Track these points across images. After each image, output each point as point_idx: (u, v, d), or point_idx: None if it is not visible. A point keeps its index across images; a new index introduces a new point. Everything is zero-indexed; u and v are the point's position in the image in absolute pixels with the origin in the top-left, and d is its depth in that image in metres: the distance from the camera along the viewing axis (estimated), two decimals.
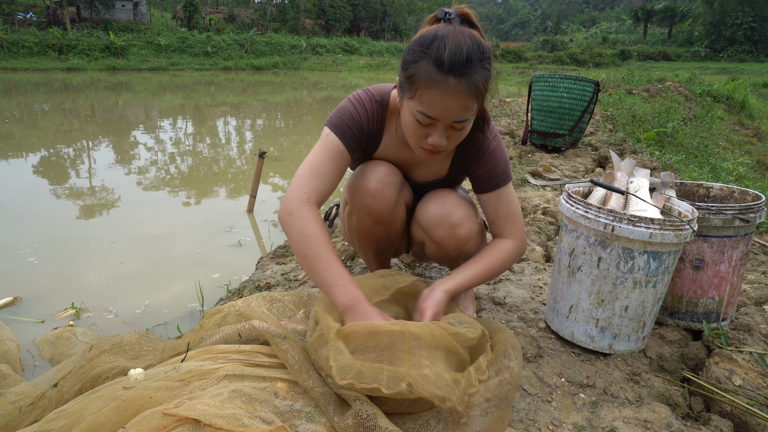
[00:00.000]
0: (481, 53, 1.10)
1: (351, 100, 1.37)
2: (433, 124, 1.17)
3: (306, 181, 1.28)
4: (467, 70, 1.09)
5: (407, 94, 1.17)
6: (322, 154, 1.32)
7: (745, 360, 1.42)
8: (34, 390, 1.41)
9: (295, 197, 1.26)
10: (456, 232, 1.44)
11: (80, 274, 2.71)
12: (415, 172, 1.53)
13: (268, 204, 4.14)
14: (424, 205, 1.50)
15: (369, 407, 1.07)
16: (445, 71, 1.08)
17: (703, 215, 1.47)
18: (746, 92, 10.67)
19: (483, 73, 1.12)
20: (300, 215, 1.24)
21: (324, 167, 1.30)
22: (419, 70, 1.11)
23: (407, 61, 1.15)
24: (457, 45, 1.07)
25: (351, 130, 1.34)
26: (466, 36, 1.09)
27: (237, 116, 10.44)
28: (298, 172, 1.31)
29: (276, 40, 32.39)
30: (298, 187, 1.27)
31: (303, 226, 1.23)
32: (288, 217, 1.25)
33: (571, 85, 4.52)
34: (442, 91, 1.10)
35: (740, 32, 39.96)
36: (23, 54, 23.19)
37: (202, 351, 1.30)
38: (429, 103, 1.13)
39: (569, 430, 1.22)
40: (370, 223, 1.50)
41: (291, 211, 1.24)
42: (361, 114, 1.36)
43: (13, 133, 7.22)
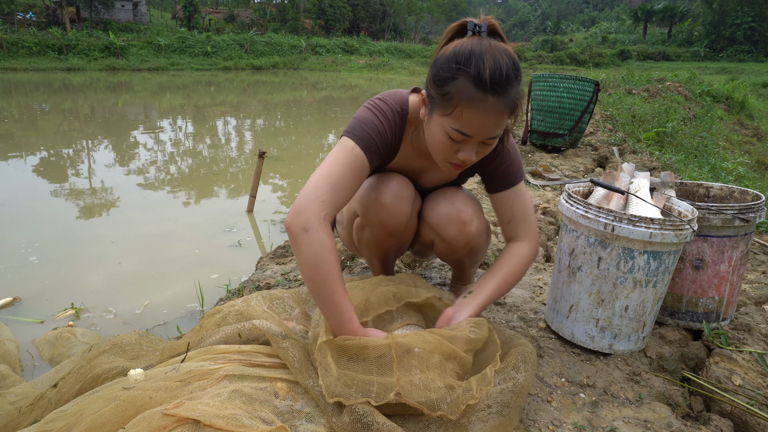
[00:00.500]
0: (516, 70, 1.10)
1: (374, 112, 1.30)
2: (465, 140, 1.16)
3: (326, 196, 1.19)
4: (506, 88, 1.08)
5: (441, 111, 1.14)
6: (344, 168, 1.23)
7: (745, 360, 1.42)
8: (33, 390, 1.41)
9: (312, 212, 1.17)
10: (466, 229, 1.44)
11: (80, 275, 2.71)
12: (425, 178, 1.52)
13: (267, 204, 4.14)
14: (433, 205, 1.49)
15: (365, 405, 1.07)
16: (486, 90, 1.07)
17: (703, 215, 1.47)
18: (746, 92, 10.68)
19: (518, 89, 1.11)
20: (317, 235, 1.16)
21: (345, 182, 1.23)
22: (458, 88, 1.08)
23: (442, 78, 1.11)
24: (496, 63, 1.06)
25: (377, 144, 1.28)
26: (502, 52, 1.08)
27: (237, 116, 10.44)
28: (316, 182, 1.21)
29: (276, 40, 32.37)
30: (317, 201, 1.18)
31: (318, 249, 1.16)
32: (303, 234, 1.16)
33: (570, 85, 4.52)
34: (482, 109, 1.09)
35: (740, 32, 39.97)
36: (23, 54, 23.18)
37: (202, 351, 1.30)
38: (467, 122, 1.11)
39: (569, 430, 1.21)
40: (384, 236, 1.49)
41: (307, 227, 1.16)
42: (387, 127, 1.30)
43: (12, 134, 7.21)
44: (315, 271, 1.17)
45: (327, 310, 1.20)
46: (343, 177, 1.22)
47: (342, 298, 1.19)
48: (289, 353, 1.24)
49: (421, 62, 32.50)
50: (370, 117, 1.29)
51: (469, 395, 1.10)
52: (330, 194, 1.19)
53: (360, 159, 1.25)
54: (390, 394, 1.06)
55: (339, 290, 1.19)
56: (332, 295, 1.18)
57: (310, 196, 1.18)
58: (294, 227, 1.17)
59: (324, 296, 1.19)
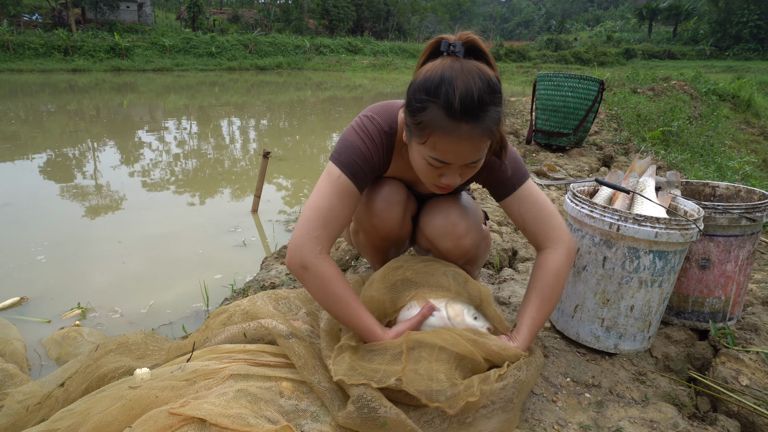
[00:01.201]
0: (491, 93, 1.04)
1: (359, 134, 1.27)
2: (446, 166, 1.13)
3: (318, 231, 1.21)
4: (479, 114, 1.03)
5: (417, 139, 1.12)
6: (332, 198, 1.23)
7: (752, 360, 1.41)
8: (41, 389, 1.42)
9: (308, 250, 1.20)
10: (461, 243, 1.41)
11: (86, 274, 2.72)
12: (421, 185, 1.49)
13: (272, 204, 4.15)
14: (428, 217, 1.45)
15: (370, 391, 1.08)
16: (457, 119, 1.03)
17: (709, 214, 1.46)
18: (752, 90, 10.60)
19: (495, 113, 1.06)
20: (316, 270, 1.20)
21: (336, 213, 1.23)
22: (429, 118, 1.05)
23: (414, 108, 1.08)
24: (467, 89, 1.01)
25: (363, 170, 1.26)
26: (474, 75, 1.02)
27: (241, 116, 10.46)
28: (307, 216, 1.22)
29: (280, 40, 32.42)
30: (310, 238, 1.20)
31: (320, 283, 1.21)
32: (303, 272, 1.21)
33: (575, 84, 4.50)
34: (455, 138, 1.05)
35: (746, 30, 39.71)
36: (29, 55, 23.30)
37: (207, 351, 1.30)
38: (442, 150, 1.08)
39: (575, 430, 1.21)
40: (378, 240, 1.49)
41: (305, 266, 1.20)
42: (372, 151, 1.27)
43: (20, 134, 7.26)
44: (325, 301, 1.24)
45: (351, 328, 1.26)
46: (332, 208, 1.23)
47: (357, 316, 1.24)
48: (294, 351, 1.24)
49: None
50: (355, 141, 1.27)
51: (470, 392, 1.10)
52: (322, 228, 1.21)
53: (347, 187, 1.24)
54: (391, 379, 1.09)
55: (353, 311, 1.23)
56: (349, 318, 1.24)
57: (303, 234, 1.21)
58: (293, 267, 1.22)
59: (341, 319, 1.25)
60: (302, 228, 1.22)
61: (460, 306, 1.27)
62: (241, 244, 3.21)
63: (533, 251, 2.40)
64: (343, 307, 1.22)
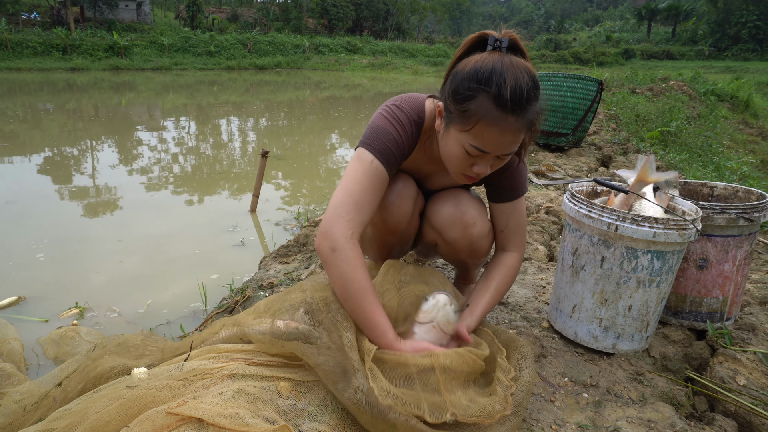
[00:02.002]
0: (536, 89, 1.10)
1: (391, 121, 1.29)
2: (482, 155, 1.16)
3: (351, 215, 1.21)
4: (526, 107, 1.08)
5: (460, 126, 1.14)
6: (365, 183, 1.24)
7: (749, 360, 1.42)
8: (38, 389, 1.42)
9: (339, 233, 1.20)
10: (469, 231, 1.44)
11: (84, 274, 2.72)
12: (432, 181, 1.53)
13: (271, 203, 4.14)
14: (436, 206, 1.49)
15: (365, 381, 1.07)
16: (506, 110, 1.07)
17: (707, 214, 1.47)
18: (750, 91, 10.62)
19: (537, 108, 1.12)
20: (345, 254, 1.19)
21: (369, 197, 1.25)
22: (478, 106, 1.09)
23: (463, 95, 1.11)
24: (517, 82, 1.06)
25: (395, 156, 1.29)
26: (522, 71, 1.08)
27: (240, 116, 10.45)
28: (339, 200, 1.23)
29: (279, 39, 32.39)
30: (343, 221, 1.21)
31: (346, 267, 1.19)
32: (332, 255, 1.20)
33: (574, 84, 4.51)
34: (501, 128, 1.09)
35: (744, 31, 39.77)
36: (27, 54, 23.26)
37: (205, 350, 1.30)
38: (486, 139, 1.12)
39: (573, 430, 1.21)
40: (386, 234, 1.50)
41: (335, 248, 1.19)
42: (404, 138, 1.30)
43: (18, 133, 7.25)
44: (345, 289, 1.20)
45: (361, 326, 1.22)
46: (365, 192, 1.24)
47: (374, 313, 1.21)
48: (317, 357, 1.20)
49: (424, 61, 32.46)
50: (388, 128, 1.28)
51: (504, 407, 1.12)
52: (354, 212, 1.22)
53: (380, 172, 1.26)
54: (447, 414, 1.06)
55: (370, 306, 1.20)
56: (364, 312, 1.20)
57: (335, 217, 1.21)
58: (323, 249, 1.21)
59: (356, 313, 1.21)
60: (334, 212, 1.22)
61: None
62: (240, 243, 3.21)
63: (531, 251, 2.40)
64: (362, 298, 1.20)
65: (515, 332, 1.57)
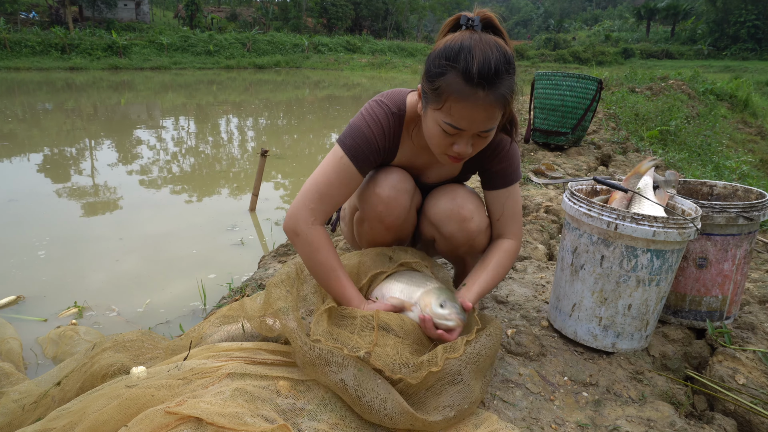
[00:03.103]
0: (507, 63, 1.10)
1: (366, 119, 1.34)
2: (459, 133, 1.18)
3: (313, 203, 1.31)
4: (495, 82, 1.09)
5: (434, 105, 1.17)
6: (332, 176, 1.32)
7: (748, 359, 1.42)
8: (37, 388, 1.42)
9: (301, 219, 1.31)
10: (466, 225, 1.44)
11: (83, 273, 2.71)
12: (428, 174, 1.53)
13: (270, 202, 4.14)
14: (433, 201, 1.50)
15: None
16: (474, 84, 1.08)
17: (707, 213, 1.47)
18: (749, 90, 10.63)
19: (509, 83, 1.12)
20: (306, 238, 1.31)
21: (333, 190, 1.32)
22: (447, 82, 1.11)
23: (433, 73, 1.14)
24: (484, 57, 1.07)
25: (365, 153, 1.33)
26: (492, 46, 1.08)
27: (239, 115, 10.44)
28: (306, 188, 1.33)
29: (278, 38, 32.34)
30: (305, 209, 1.31)
31: (308, 249, 1.31)
32: (295, 238, 1.32)
33: (573, 83, 4.50)
34: (471, 104, 1.11)
35: (743, 30, 39.78)
36: (26, 53, 23.20)
37: (204, 349, 1.30)
38: (457, 116, 1.13)
39: (572, 429, 1.21)
40: (382, 230, 1.49)
41: (297, 233, 1.31)
42: (377, 134, 1.33)
43: (17, 133, 7.23)
44: (312, 268, 1.34)
45: (332, 295, 1.35)
46: (330, 185, 1.32)
47: (340, 285, 1.33)
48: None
49: (423, 60, 32.15)
50: (360, 125, 1.34)
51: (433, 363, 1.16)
52: (317, 202, 1.32)
53: (347, 168, 1.32)
54: (361, 352, 1.15)
55: (335, 281, 1.33)
56: (330, 286, 1.34)
57: (299, 204, 1.32)
58: (288, 232, 1.34)
59: (325, 285, 1.35)
60: (300, 199, 1.33)
61: (429, 297, 1.30)
62: (239, 242, 3.21)
63: (531, 250, 2.40)
64: (328, 274, 1.32)
65: (514, 331, 1.57)
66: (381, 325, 1.24)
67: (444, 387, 1.18)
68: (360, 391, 1.11)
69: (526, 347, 1.51)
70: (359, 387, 1.11)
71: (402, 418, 1.10)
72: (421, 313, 1.27)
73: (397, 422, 1.10)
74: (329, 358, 1.14)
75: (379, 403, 1.10)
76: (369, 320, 1.25)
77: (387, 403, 1.10)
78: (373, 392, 1.11)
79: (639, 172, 1.59)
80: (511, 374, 1.40)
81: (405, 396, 1.16)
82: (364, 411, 1.11)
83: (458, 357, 1.18)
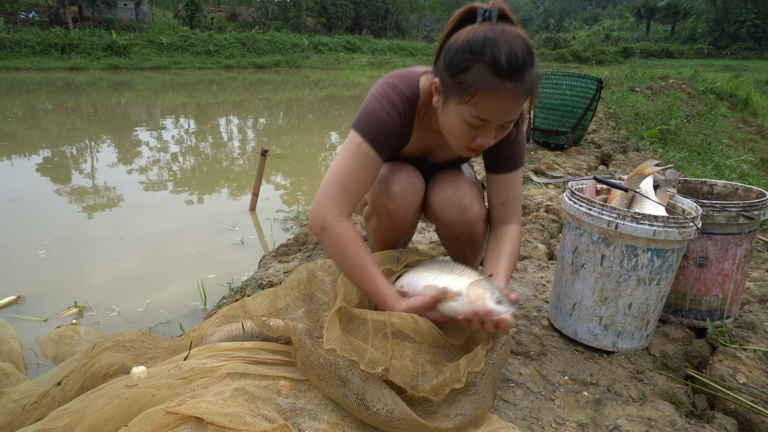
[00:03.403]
0: (530, 54, 1.10)
1: (381, 102, 1.30)
2: (484, 126, 1.17)
3: (338, 195, 1.26)
4: (523, 73, 1.09)
5: (458, 99, 1.15)
6: (353, 165, 1.28)
7: (749, 358, 1.41)
8: (37, 388, 1.42)
9: (327, 212, 1.26)
10: (466, 214, 1.46)
11: (83, 273, 2.71)
12: (435, 155, 1.52)
13: (270, 202, 4.14)
14: (435, 190, 1.51)
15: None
16: (503, 77, 1.07)
17: (707, 212, 1.46)
18: (749, 89, 10.62)
19: (534, 73, 1.12)
20: (333, 232, 1.25)
21: (356, 179, 1.28)
22: (474, 76, 1.09)
23: (458, 67, 1.12)
24: (511, 49, 1.06)
25: (384, 137, 1.29)
26: (516, 38, 1.08)
27: (239, 115, 10.44)
28: (328, 181, 1.28)
29: (278, 38, 32.33)
30: (330, 201, 1.26)
31: (337, 245, 1.26)
32: (322, 234, 1.27)
33: (573, 82, 4.50)
34: (501, 96, 1.10)
35: (743, 29, 39.77)
36: (26, 53, 23.19)
37: (204, 349, 1.30)
38: (486, 108, 1.12)
39: (573, 428, 1.21)
40: (389, 229, 1.52)
41: (324, 227, 1.26)
42: (395, 118, 1.30)
43: (17, 132, 7.23)
44: (341, 263, 1.28)
45: (364, 291, 1.30)
46: (352, 174, 1.27)
47: (372, 281, 1.26)
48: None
49: (423, 60, 32.41)
50: (376, 109, 1.29)
51: (455, 378, 1.13)
52: (342, 193, 1.26)
53: (368, 154, 1.28)
54: (379, 369, 1.10)
55: (367, 276, 1.26)
56: (363, 279, 1.27)
57: (323, 197, 1.27)
58: (314, 228, 1.28)
59: (356, 281, 1.29)
60: (323, 192, 1.27)
61: (482, 290, 1.21)
62: (239, 242, 3.20)
63: (531, 250, 2.40)
64: (359, 270, 1.26)
65: (514, 330, 1.57)
66: (395, 333, 1.19)
67: (458, 396, 1.17)
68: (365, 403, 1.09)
69: (526, 347, 1.51)
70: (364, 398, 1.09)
71: (410, 428, 1.09)
72: (474, 307, 1.19)
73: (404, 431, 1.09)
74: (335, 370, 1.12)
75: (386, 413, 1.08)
76: (381, 325, 1.20)
77: (394, 413, 1.08)
78: (380, 403, 1.09)
79: (642, 173, 1.58)
80: (512, 373, 1.40)
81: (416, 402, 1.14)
82: (369, 420, 1.10)
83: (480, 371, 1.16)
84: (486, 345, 1.21)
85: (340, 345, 1.12)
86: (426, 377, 1.12)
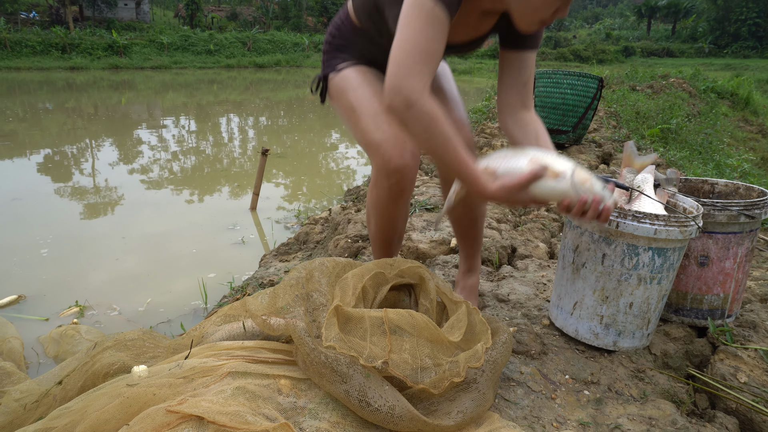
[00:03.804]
0: None
1: None
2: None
3: (420, 65, 1.12)
4: None
5: None
6: (428, 31, 1.13)
7: (750, 357, 1.41)
8: (38, 388, 1.42)
9: (413, 88, 1.11)
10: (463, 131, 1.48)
11: (84, 272, 2.72)
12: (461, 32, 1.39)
13: (271, 201, 4.14)
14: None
15: None
16: None
17: (708, 211, 1.46)
18: (750, 88, 10.62)
19: None
20: (423, 107, 1.12)
21: (435, 45, 1.14)
22: None
23: None
24: None
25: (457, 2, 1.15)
26: None
27: (240, 114, 10.44)
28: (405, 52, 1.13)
29: (278, 38, 32.32)
30: (414, 72, 1.12)
31: (427, 121, 1.13)
32: (407, 112, 1.13)
33: (574, 81, 4.50)
34: None
35: (744, 28, 39.70)
36: (26, 53, 23.20)
37: (205, 348, 1.30)
38: None
39: (573, 427, 1.21)
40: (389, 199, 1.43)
41: (411, 103, 1.12)
42: None
43: (18, 132, 7.24)
44: (430, 142, 1.15)
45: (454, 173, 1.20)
46: (430, 40, 1.14)
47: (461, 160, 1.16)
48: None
49: None
50: None
51: (455, 372, 1.13)
52: (424, 63, 1.13)
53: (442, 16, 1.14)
54: (378, 362, 1.10)
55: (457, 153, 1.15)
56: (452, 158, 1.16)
57: (404, 70, 1.12)
58: (397, 106, 1.14)
59: (445, 160, 1.17)
60: (403, 65, 1.12)
61: (587, 175, 1.13)
62: (240, 241, 3.21)
63: (532, 249, 2.40)
64: (451, 148, 1.15)
65: (515, 329, 1.57)
66: (392, 328, 1.20)
67: (458, 394, 1.17)
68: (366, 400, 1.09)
69: (527, 345, 1.50)
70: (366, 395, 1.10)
71: (411, 425, 1.09)
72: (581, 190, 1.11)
73: (405, 428, 1.10)
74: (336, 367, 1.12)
75: (387, 410, 1.09)
76: (378, 321, 1.21)
77: (395, 410, 1.09)
78: (381, 399, 1.09)
79: (632, 166, 1.57)
80: (513, 373, 1.40)
81: (417, 400, 1.15)
82: (370, 417, 1.11)
83: (480, 366, 1.17)
84: (485, 344, 1.22)
85: (339, 343, 1.13)
86: (426, 371, 1.14)
